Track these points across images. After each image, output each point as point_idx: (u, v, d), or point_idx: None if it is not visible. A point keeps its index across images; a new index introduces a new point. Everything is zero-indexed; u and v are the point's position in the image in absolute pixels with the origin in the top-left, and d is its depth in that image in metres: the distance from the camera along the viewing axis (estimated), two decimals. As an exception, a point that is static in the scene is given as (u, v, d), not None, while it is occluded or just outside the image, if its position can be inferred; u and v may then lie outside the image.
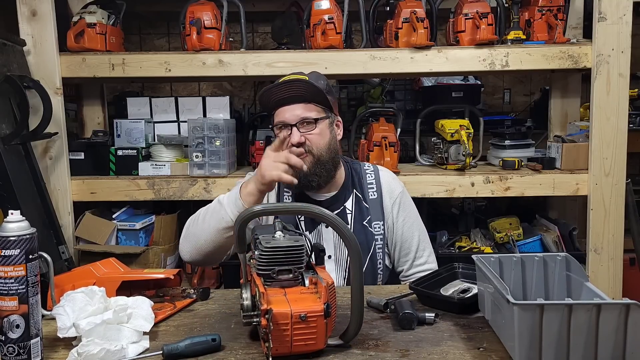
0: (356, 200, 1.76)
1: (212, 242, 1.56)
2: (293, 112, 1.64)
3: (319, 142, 1.66)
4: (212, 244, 1.57)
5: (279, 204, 1.64)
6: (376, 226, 1.74)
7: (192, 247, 1.61)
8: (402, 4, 2.31)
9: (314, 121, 1.65)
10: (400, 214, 1.78)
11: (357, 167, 1.83)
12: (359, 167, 1.82)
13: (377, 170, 1.83)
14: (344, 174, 1.77)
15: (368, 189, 1.77)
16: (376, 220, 1.75)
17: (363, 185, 1.78)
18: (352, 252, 1.13)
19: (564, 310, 1.02)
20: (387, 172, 1.85)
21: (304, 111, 1.65)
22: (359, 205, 1.75)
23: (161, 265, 2.40)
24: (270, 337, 1.08)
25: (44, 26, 2.23)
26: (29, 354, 1.10)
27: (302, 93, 1.64)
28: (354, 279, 1.14)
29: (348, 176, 1.78)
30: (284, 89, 1.63)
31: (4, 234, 1.08)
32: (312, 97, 1.65)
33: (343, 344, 1.17)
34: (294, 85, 1.63)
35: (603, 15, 2.21)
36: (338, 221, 1.13)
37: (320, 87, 1.65)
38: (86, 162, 2.43)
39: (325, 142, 1.67)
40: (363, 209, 1.75)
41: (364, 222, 1.73)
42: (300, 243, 1.18)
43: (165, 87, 3.79)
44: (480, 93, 3.43)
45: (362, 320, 1.16)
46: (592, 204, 2.29)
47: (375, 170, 1.82)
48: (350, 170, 1.80)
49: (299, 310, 1.08)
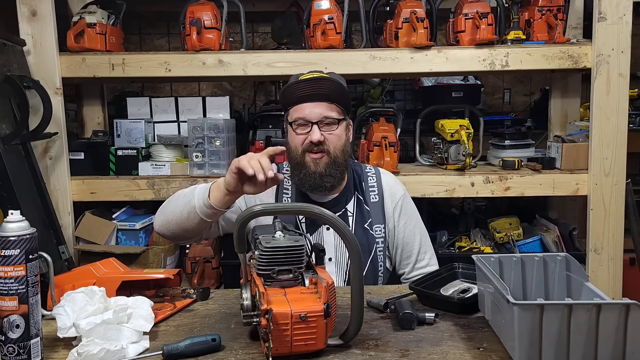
0: (357, 203, 1.74)
1: (177, 223, 1.56)
2: (315, 109, 1.61)
3: (336, 143, 1.64)
4: (177, 224, 1.56)
5: (280, 204, 1.62)
6: (377, 229, 1.72)
7: (162, 221, 1.61)
8: (402, 4, 2.31)
9: (336, 121, 1.63)
10: (402, 218, 1.77)
11: (358, 169, 1.81)
12: (361, 170, 1.81)
13: (378, 173, 1.81)
14: (346, 176, 1.75)
15: (370, 192, 1.76)
16: (377, 223, 1.73)
17: (364, 188, 1.76)
18: (352, 252, 1.13)
19: (564, 310, 1.02)
20: (388, 175, 1.84)
21: (326, 110, 1.62)
22: (360, 208, 1.73)
23: (161, 265, 2.40)
24: (270, 337, 1.08)
25: (44, 26, 2.23)
26: (29, 354, 1.10)
27: (327, 92, 1.61)
28: (354, 279, 1.14)
29: (350, 178, 1.76)
30: (309, 85, 1.61)
31: (4, 234, 1.08)
32: (336, 97, 1.63)
33: (343, 344, 1.17)
34: (321, 83, 1.61)
35: (603, 15, 2.21)
36: (338, 221, 1.13)
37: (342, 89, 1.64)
38: (86, 162, 2.43)
39: (342, 144, 1.65)
40: (364, 212, 1.73)
41: (365, 225, 1.72)
42: (300, 243, 1.18)
43: (165, 87, 3.80)
44: (480, 93, 3.43)
45: (362, 320, 1.15)
46: (592, 204, 2.29)
47: (377, 173, 1.81)
48: (353, 173, 1.78)
49: (299, 310, 1.07)
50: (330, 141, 1.63)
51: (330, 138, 1.63)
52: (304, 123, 1.63)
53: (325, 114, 1.62)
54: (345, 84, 1.69)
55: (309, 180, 1.63)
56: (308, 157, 1.64)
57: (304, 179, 1.65)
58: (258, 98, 3.78)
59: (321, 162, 1.62)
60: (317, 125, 1.61)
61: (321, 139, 1.61)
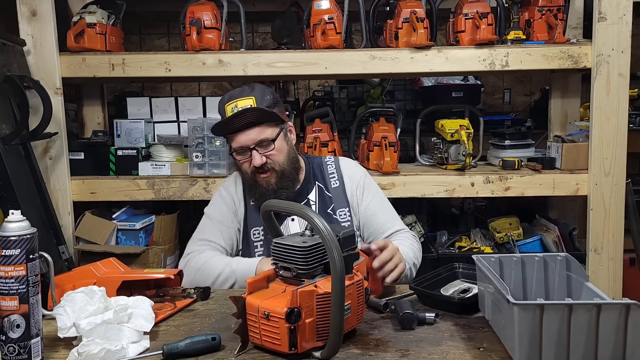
0: (319, 191, 1.80)
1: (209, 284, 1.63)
2: (249, 137, 1.66)
3: (279, 158, 1.69)
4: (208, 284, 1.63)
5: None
6: (341, 213, 1.78)
7: (191, 281, 1.65)
8: (402, 4, 2.31)
9: (271, 141, 1.67)
10: (365, 196, 1.81)
11: (318, 160, 1.87)
12: (320, 161, 1.87)
13: (337, 160, 1.88)
14: (304, 170, 1.81)
15: (330, 179, 1.82)
16: (340, 207, 1.78)
17: (325, 177, 1.82)
18: (333, 267, 1.05)
19: (564, 310, 1.02)
20: (347, 161, 1.90)
21: (259, 134, 1.66)
22: (322, 195, 1.79)
23: (161, 265, 2.40)
24: (247, 323, 1.14)
25: (44, 26, 2.23)
26: (29, 353, 1.10)
27: (254, 119, 1.65)
28: (334, 291, 1.06)
29: (309, 171, 1.82)
30: (235, 121, 1.65)
31: (5, 234, 1.08)
32: (265, 117, 1.67)
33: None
34: (244, 115, 1.64)
35: (603, 15, 2.21)
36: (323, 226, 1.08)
37: (267, 103, 1.68)
38: (86, 162, 2.43)
39: (285, 155, 1.71)
40: (326, 198, 1.79)
41: (327, 210, 1.77)
42: (305, 245, 1.17)
43: (165, 87, 3.80)
44: (480, 93, 3.44)
45: (341, 338, 1.08)
46: (592, 204, 2.29)
47: (336, 161, 1.87)
48: (311, 165, 1.84)
49: (264, 308, 1.10)
50: (273, 159, 1.68)
51: (271, 156, 1.68)
52: (242, 151, 1.68)
53: (260, 138, 1.66)
54: (271, 97, 1.71)
55: (265, 197, 1.67)
56: (258, 177, 1.70)
57: (260, 198, 1.70)
58: (258, 98, 3.78)
59: (271, 179, 1.69)
60: (255, 150, 1.66)
61: (263, 161, 1.66)
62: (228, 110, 1.68)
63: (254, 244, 1.74)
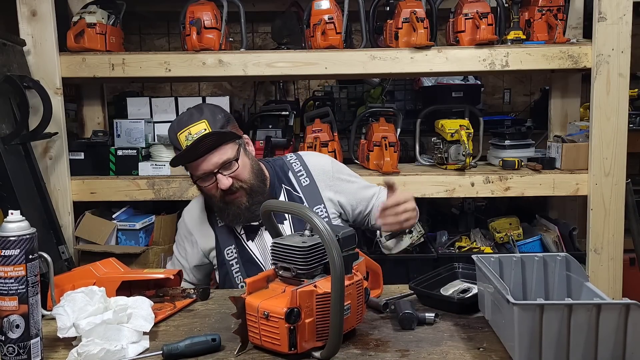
0: (287, 193, 1.76)
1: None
2: (210, 162, 1.59)
3: (244, 175, 1.63)
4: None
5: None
6: (317, 210, 1.73)
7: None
8: (402, 4, 2.31)
9: (233, 159, 1.61)
10: (344, 185, 1.80)
11: (280, 162, 1.82)
12: (282, 162, 1.82)
13: (300, 157, 1.83)
14: (269, 176, 1.76)
15: (299, 177, 1.78)
16: (315, 205, 1.74)
17: (290, 177, 1.78)
18: (333, 267, 1.06)
19: (564, 310, 1.02)
20: (310, 155, 1.86)
21: (220, 157, 1.60)
22: (291, 197, 1.75)
23: (161, 265, 2.40)
24: (247, 323, 1.14)
25: (44, 26, 2.23)
26: (29, 353, 1.10)
27: (210, 145, 1.58)
28: (334, 291, 1.07)
29: (273, 175, 1.77)
30: (192, 151, 1.58)
31: (4, 234, 1.08)
32: (221, 139, 1.60)
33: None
34: (202, 143, 1.57)
35: (603, 15, 2.21)
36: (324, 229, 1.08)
37: (221, 123, 1.62)
38: (86, 162, 2.43)
39: (249, 170, 1.65)
40: (296, 199, 1.75)
41: None
42: (304, 246, 1.17)
43: (165, 87, 3.80)
44: (480, 93, 3.44)
45: (341, 338, 1.09)
46: (592, 204, 2.29)
47: (299, 158, 1.83)
48: (274, 168, 1.79)
49: (264, 308, 1.10)
50: (239, 177, 1.63)
51: (237, 175, 1.62)
52: (206, 177, 1.62)
53: (222, 161, 1.60)
54: (222, 116, 1.65)
55: (240, 217, 1.65)
56: (229, 199, 1.64)
57: (233, 218, 1.67)
58: (258, 98, 3.79)
59: (242, 198, 1.63)
60: (219, 174, 1.60)
61: (230, 182, 1.60)
62: (182, 139, 1.60)
63: (229, 262, 1.71)
